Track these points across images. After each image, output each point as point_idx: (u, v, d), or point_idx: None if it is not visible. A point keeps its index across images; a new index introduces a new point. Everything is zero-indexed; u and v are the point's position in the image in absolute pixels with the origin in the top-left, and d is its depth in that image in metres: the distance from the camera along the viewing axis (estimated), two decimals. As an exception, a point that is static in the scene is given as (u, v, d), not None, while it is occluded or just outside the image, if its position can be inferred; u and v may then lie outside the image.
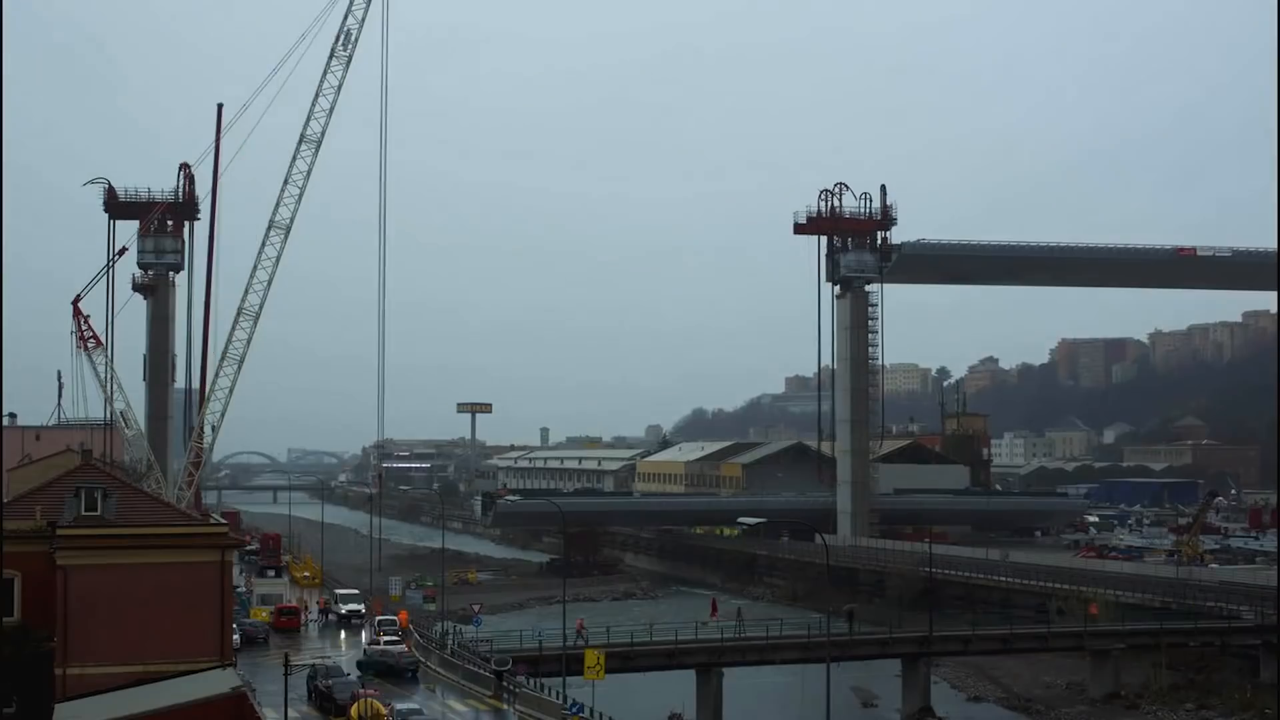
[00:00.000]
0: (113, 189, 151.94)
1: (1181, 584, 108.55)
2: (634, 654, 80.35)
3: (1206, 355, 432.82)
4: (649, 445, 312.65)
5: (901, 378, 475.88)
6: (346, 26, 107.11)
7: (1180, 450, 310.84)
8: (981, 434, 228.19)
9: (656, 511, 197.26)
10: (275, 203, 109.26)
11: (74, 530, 54.85)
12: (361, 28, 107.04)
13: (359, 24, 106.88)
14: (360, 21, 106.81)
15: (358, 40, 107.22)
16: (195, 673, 50.40)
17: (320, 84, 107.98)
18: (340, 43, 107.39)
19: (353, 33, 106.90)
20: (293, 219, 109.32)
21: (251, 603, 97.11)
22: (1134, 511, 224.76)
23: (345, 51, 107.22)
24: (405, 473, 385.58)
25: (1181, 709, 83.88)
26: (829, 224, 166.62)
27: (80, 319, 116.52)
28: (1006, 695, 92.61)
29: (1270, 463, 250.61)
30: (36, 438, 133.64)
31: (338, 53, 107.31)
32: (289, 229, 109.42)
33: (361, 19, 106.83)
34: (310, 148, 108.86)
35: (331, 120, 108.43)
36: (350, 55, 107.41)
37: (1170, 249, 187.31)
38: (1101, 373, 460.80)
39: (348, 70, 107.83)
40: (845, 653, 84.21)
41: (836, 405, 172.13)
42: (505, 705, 63.18)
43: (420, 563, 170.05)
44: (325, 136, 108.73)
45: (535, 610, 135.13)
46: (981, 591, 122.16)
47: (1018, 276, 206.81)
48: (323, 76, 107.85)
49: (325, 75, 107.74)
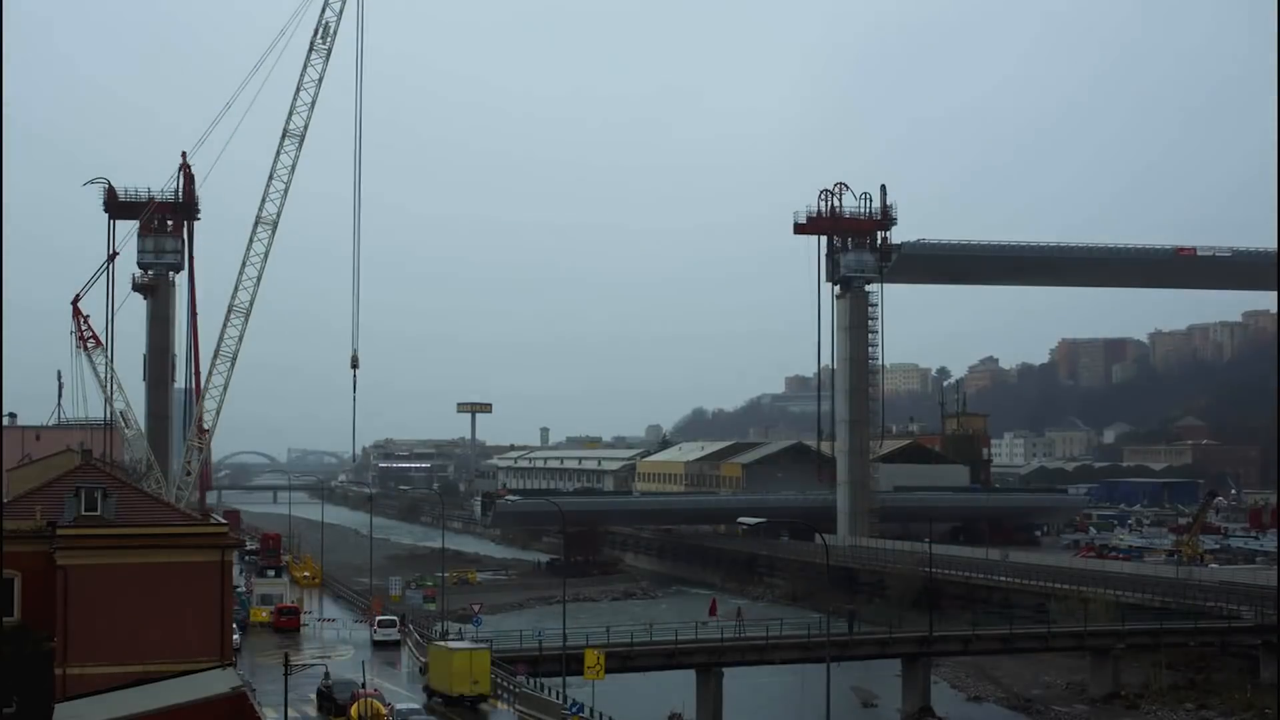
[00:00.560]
0: (112, 189, 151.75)
1: (1181, 584, 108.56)
2: (634, 654, 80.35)
3: (1206, 355, 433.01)
4: (649, 445, 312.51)
5: (901, 378, 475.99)
6: (324, 20, 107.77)
7: (1180, 450, 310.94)
8: (981, 434, 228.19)
9: (656, 511, 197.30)
10: (261, 199, 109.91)
11: (74, 530, 54.84)
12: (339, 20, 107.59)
13: (336, 17, 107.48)
14: (338, 15, 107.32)
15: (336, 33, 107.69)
16: (195, 673, 50.37)
17: (301, 78, 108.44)
18: (319, 36, 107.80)
19: (330, 26, 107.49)
20: (279, 215, 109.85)
21: (251, 603, 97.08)
22: (1134, 511, 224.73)
23: (324, 44, 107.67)
24: (405, 473, 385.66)
25: (1181, 709, 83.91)
26: (829, 224, 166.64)
27: (80, 319, 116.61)
28: (1006, 695, 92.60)
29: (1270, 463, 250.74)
30: (36, 438, 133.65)
31: (317, 46, 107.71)
32: (276, 225, 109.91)
33: (339, 11, 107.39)
34: (294, 142, 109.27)
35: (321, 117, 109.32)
36: (330, 48, 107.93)
37: (1170, 249, 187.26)
38: (1101, 373, 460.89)
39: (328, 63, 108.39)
40: (845, 653, 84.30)
41: (836, 405, 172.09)
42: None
43: (420, 563, 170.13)
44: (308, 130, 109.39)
45: (535, 610, 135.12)
46: (981, 591, 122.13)
47: (1018, 276, 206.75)
48: (303, 70, 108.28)
49: (305, 69, 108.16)
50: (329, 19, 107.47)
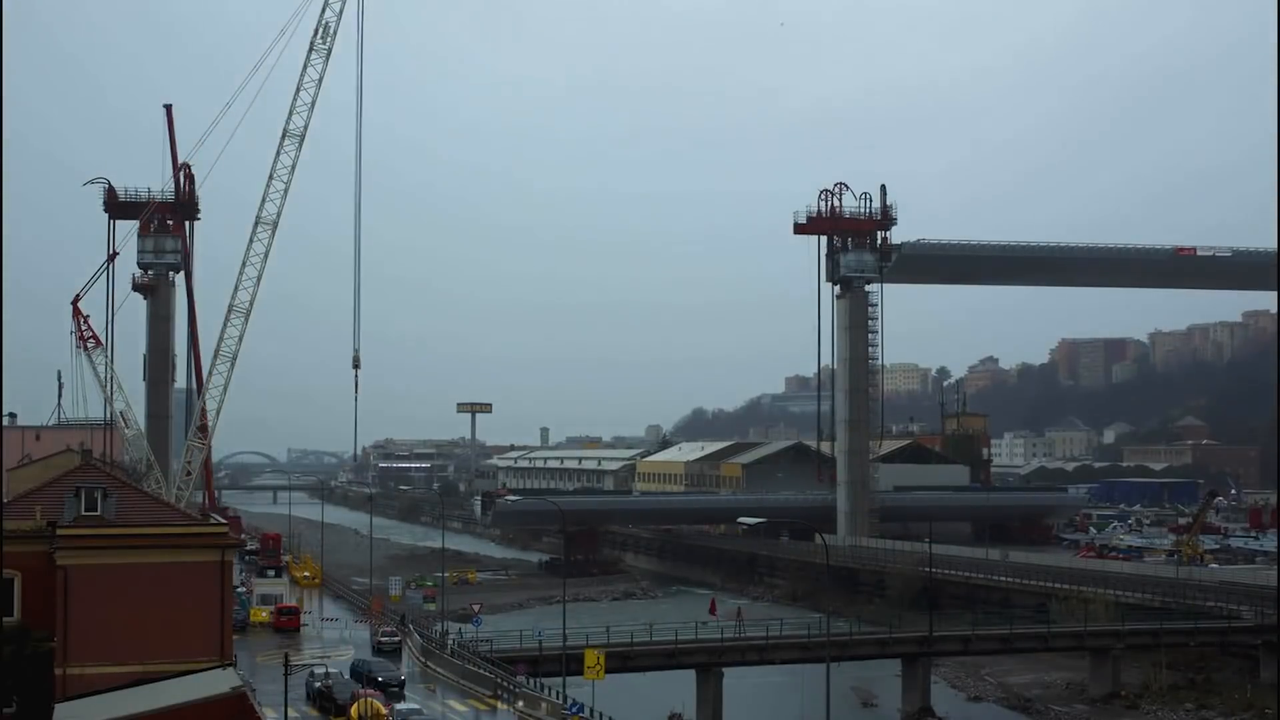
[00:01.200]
0: (112, 189, 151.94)
1: (1181, 584, 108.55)
2: (634, 654, 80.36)
3: (1206, 355, 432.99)
4: (649, 445, 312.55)
5: (901, 378, 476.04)
6: (324, 19, 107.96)
7: (1180, 450, 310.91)
8: (981, 434, 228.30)
9: (656, 510, 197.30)
10: (261, 199, 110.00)
11: (74, 530, 54.86)
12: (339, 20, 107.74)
13: (336, 16, 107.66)
14: (338, 14, 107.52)
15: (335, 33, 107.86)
16: (195, 673, 50.36)
17: (300, 78, 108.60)
18: (319, 35, 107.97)
19: (330, 25, 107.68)
20: (279, 215, 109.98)
21: (251, 603, 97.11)
22: (1134, 511, 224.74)
23: (324, 44, 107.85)
24: (405, 473, 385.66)
25: (1181, 709, 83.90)
26: (829, 224, 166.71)
27: (80, 319, 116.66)
28: (1006, 695, 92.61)
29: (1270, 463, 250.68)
30: (36, 438, 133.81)
31: (317, 45, 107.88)
32: (275, 225, 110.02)
33: (339, 11, 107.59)
34: (294, 142, 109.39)
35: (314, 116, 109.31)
36: (329, 48, 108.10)
37: (1170, 249, 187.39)
38: (1101, 373, 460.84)
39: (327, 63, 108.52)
40: (845, 653, 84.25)
41: (836, 405, 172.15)
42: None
43: (420, 562, 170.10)
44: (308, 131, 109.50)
45: (535, 610, 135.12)
46: (981, 591, 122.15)
47: (1018, 276, 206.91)
48: (303, 70, 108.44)
49: (305, 69, 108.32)
50: (329, 19, 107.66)
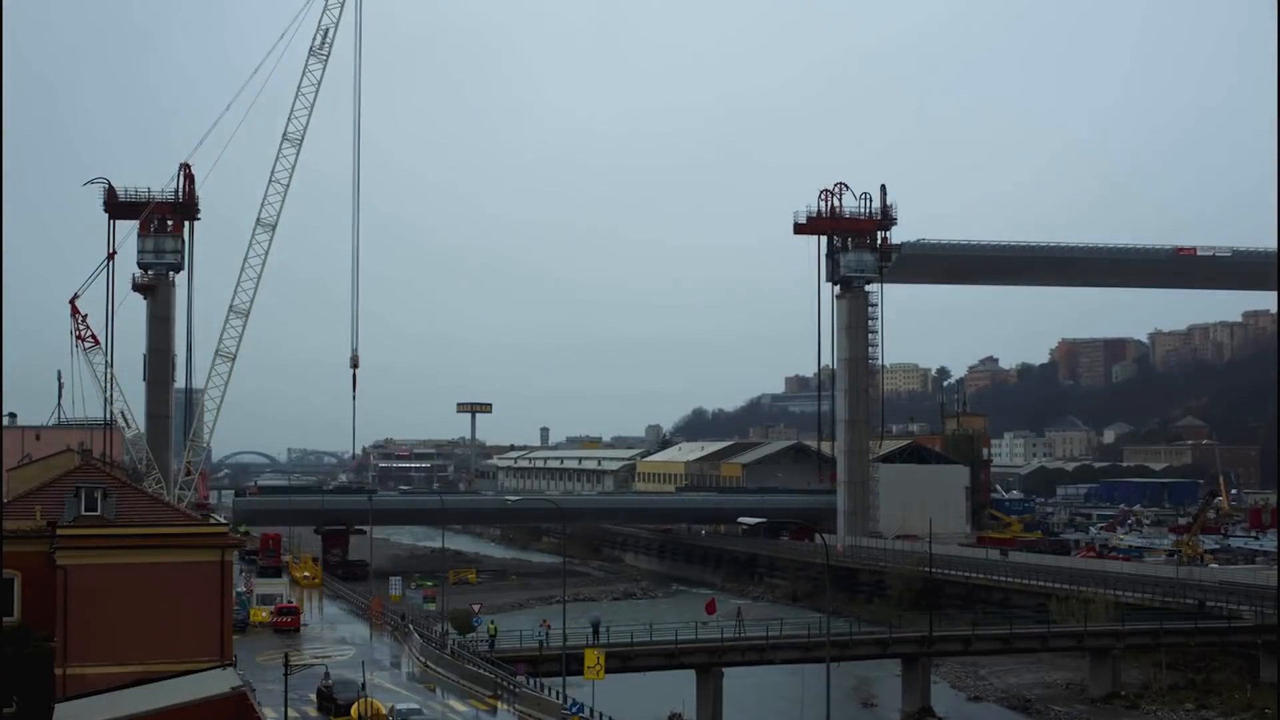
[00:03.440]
0: (112, 189, 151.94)
1: (1181, 584, 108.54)
2: (634, 654, 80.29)
3: (1206, 355, 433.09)
4: (649, 445, 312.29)
5: (901, 378, 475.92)
6: (323, 26, 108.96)
7: (1180, 450, 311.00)
8: (981, 434, 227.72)
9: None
10: (261, 202, 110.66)
11: (74, 530, 54.86)
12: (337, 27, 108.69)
13: (334, 23, 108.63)
14: (335, 21, 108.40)
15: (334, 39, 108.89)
16: (195, 673, 50.37)
17: (299, 83, 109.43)
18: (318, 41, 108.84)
19: (329, 32, 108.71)
20: (278, 217, 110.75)
21: (251, 603, 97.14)
22: (1134, 511, 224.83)
23: (323, 50, 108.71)
24: (405, 472, 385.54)
25: (1181, 709, 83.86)
26: (829, 224, 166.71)
27: (78, 318, 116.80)
28: (1006, 695, 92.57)
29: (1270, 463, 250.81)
30: (36, 438, 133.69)
31: (315, 50, 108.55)
32: (275, 227, 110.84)
33: (337, 18, 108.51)
34: (292, 146, 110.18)
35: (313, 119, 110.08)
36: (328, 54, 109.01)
37: (1170, 249, 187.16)
38: (1101, 373, 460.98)
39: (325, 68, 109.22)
40: (845, 653, 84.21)
41: (836, 405, 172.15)
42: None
43: (420, 562, 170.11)
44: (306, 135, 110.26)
45: (535, 610, 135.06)
46: (981, 591, 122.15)
47: (1018, 276, 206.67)
48: (302, 75, 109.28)
49: (304, 74, 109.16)
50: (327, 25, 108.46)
